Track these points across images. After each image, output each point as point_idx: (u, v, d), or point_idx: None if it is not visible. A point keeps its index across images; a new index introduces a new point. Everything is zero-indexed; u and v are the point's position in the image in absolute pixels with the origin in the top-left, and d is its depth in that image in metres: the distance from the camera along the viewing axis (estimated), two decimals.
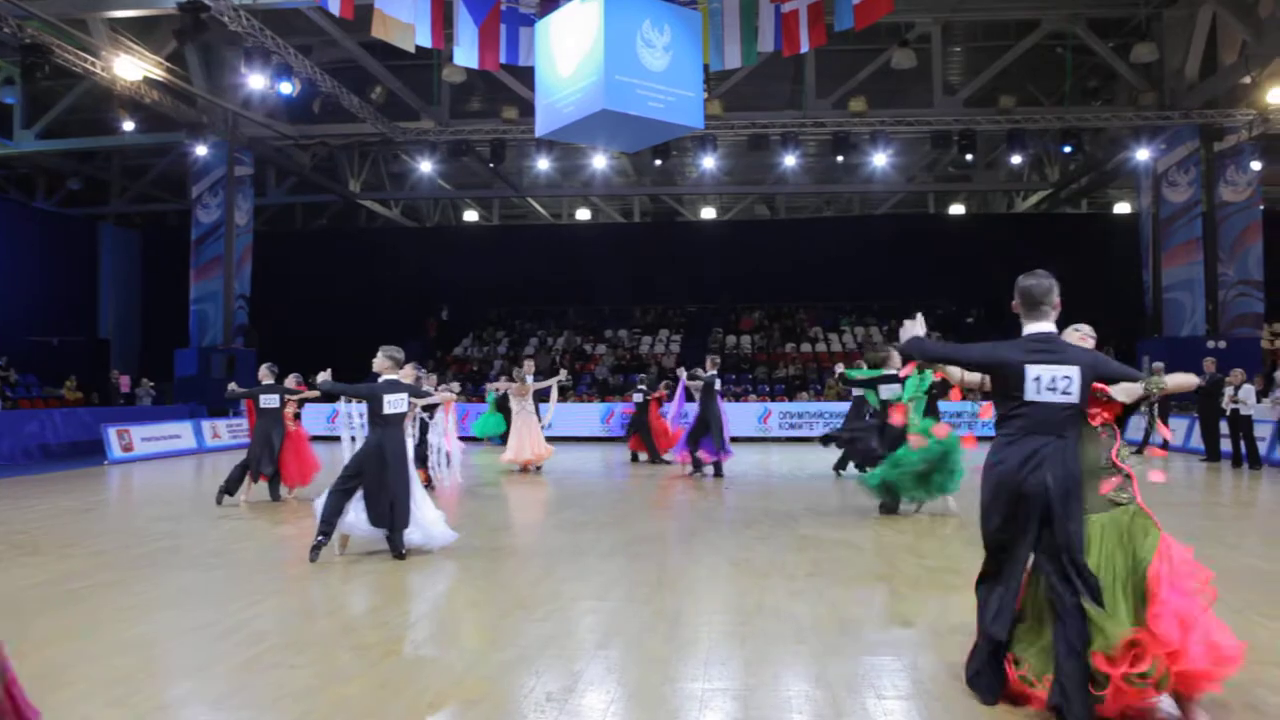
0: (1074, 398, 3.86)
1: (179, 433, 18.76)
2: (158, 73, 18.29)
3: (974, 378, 4.58)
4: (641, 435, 15.96)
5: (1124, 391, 3.98)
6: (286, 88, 17.15)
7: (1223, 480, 13.29)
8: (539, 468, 14.53)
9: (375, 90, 21.52)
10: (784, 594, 6.03)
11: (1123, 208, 30.04)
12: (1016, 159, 23.21)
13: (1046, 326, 4.00)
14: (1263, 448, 14.69)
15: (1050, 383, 3.86)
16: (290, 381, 11.40)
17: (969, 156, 22.37)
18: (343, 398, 7.79)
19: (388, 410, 7.30)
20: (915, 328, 4.25)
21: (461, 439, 11.57)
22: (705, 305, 29.28)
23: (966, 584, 5.84)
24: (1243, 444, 14.53)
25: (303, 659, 4.64)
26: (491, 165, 23.24)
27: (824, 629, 5.17)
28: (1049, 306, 4.00)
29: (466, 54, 10.80)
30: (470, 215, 34.23)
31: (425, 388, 9.11)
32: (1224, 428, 15.14)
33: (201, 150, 21.72)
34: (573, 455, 17.33)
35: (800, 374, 25.07)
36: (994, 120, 20.90)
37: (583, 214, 33.38)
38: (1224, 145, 21.51)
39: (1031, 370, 3.87)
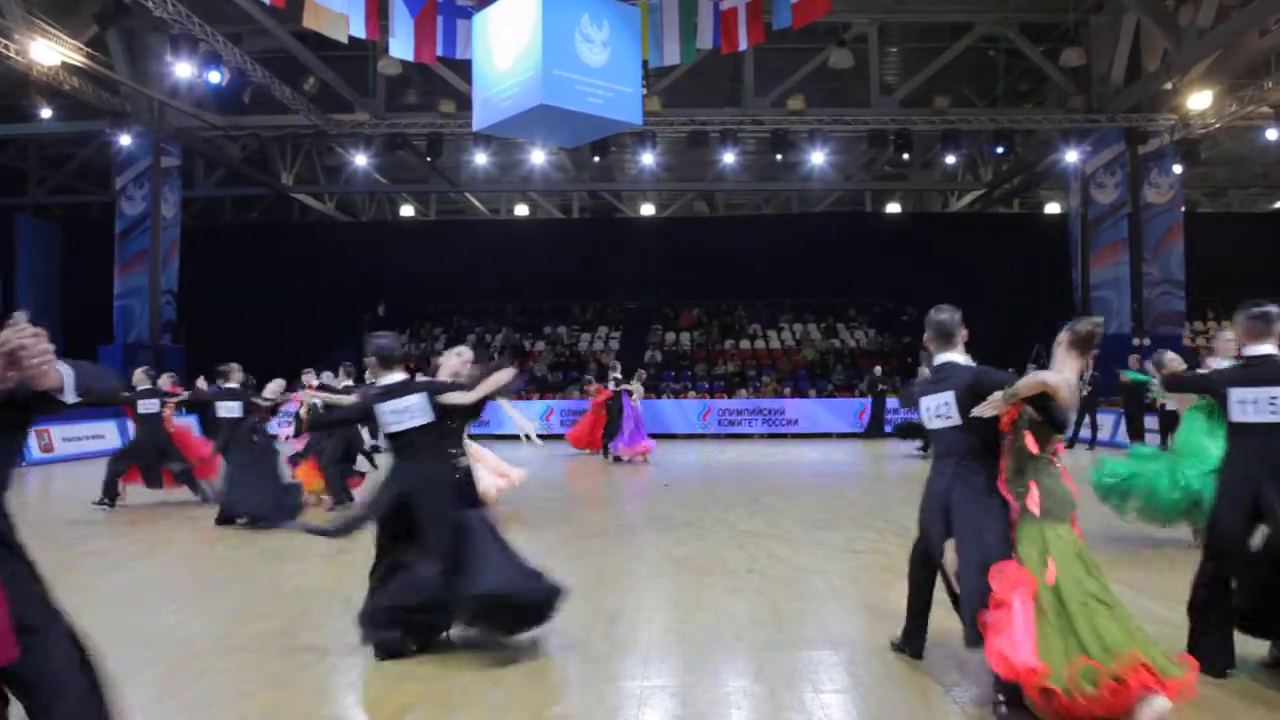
0: (955, 420, 4.10)
1: (102, 432, 18.19)
2: (77, 58, 17.68)
3: None
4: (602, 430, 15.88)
5: (989, 405, 3.98)
6: (215, 77, 16.72)
7: None
8: None
9: (308, 81, 21.11)
10: (724, 590, 6.08)
11: (1053, 208, 30.82)
12: (951, 159, 23.68)
13: (955, 356, 4.31)
14: None
15: (936, 409, 4.18)
16: (165, 383, 11.10)
17: (905, 156, 22.73)
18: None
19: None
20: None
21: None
22: (644, 302, 29.33)
23: (901, 578, 5.94)
24: (1170, 438, 15.01)
25: (232, 665, 4.55)
26: (429, 159, 22.96)
27: (763, 625, 5.23)
28: (959, 337, 4.34)
29: (402, 46, 10.65)
30: (407, 210, 33.79)
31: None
32: (1151, 423, 15.73)
33: (125, 140, 21.06)
34: (509, 452, 17.20)
35: (739, 371, 25.25)
36: (929, 121, 21.29)
37: (521, 210, 33.20)
38: (1148, 149, 22.20)
39: (923, 401, 4.25)
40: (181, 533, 8.70)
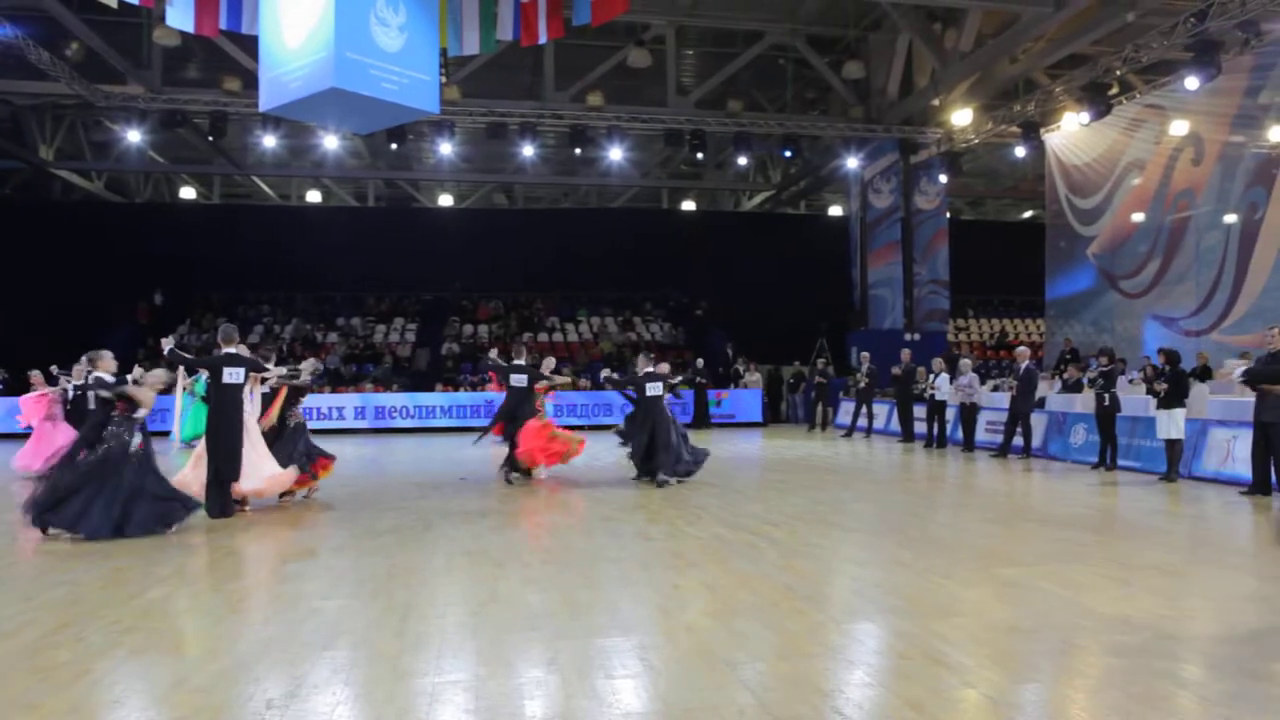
0: None
1: None
2: None
3: None
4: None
5: None
6: None
7: (916, 459, 14.80)
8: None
9: (72, 46, 19.30)
10: (518, 582, 6.06)
11: (836, 210, 32.62)
12: (743, 160, 24.62)
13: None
14: (947, 429, 16.50)
15: None
16: None
17: (700, 155, 23.46)
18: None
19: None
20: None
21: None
22: (441, 294, 28.76)
23: (691, 564, 6.13)
24: (936, 425, 16.28)
25: None
26: (211, 139, 21.53)
27: (556, 615, 5.25)
28: None
29: (181, 16, 9.88)
30: (188, 192, 31.55)
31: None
32: (920, 411, 17.01)
33: None
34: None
35: (537, 364, 25.17)
36: (723, 123, 22.03)
37: (313, 196, 31.77)
38: (918, 158, 23.94)
39: None
40: None
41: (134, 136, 21.06)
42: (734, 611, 5.27)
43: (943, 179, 24.09)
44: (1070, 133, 20.96)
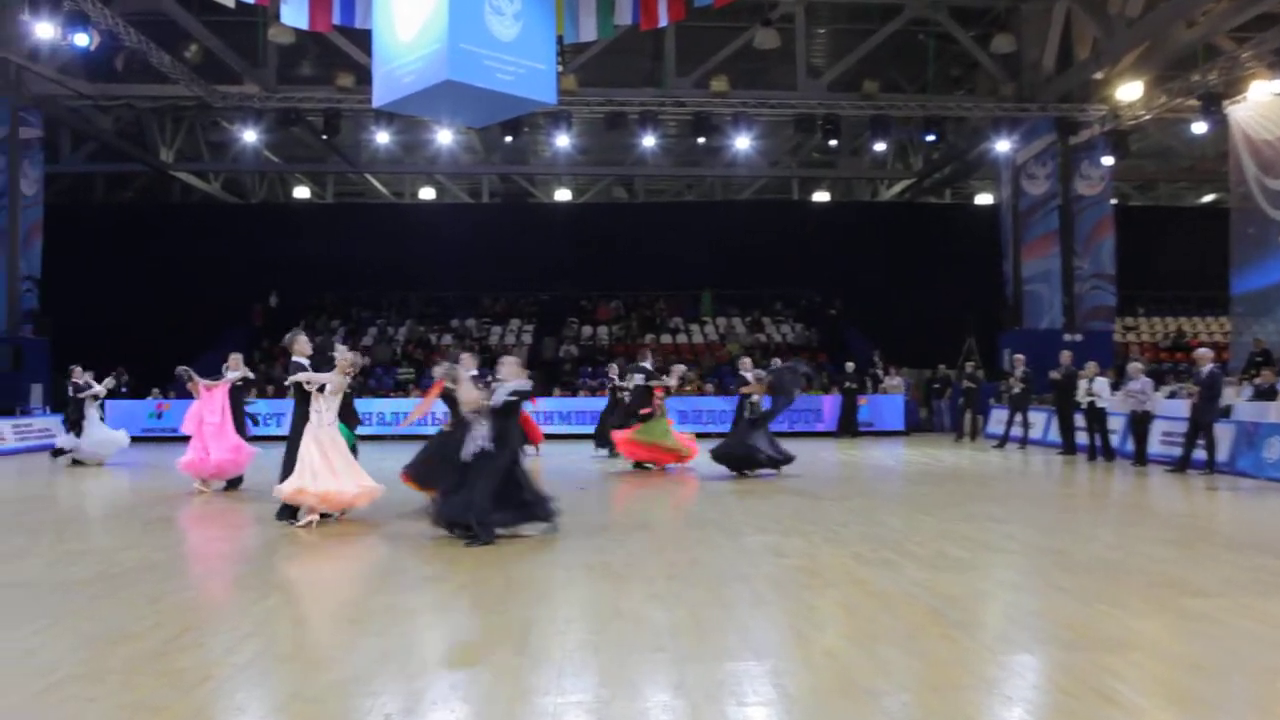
0: None
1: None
2: None
3: None
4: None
5: None
6: (82, 40, 16.09)
7: (1078, 473, 14.22)
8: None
9: (191, 48, 20.48)
10: (642, 598, 6.09)
11: (984, 198, 31.71)
12: (880, 146, 24.14)
13: None
14: (1115, 440, 15.78)
15: None
16: None
17: (833, 142, 23.13)
18: None
19: None
20: None
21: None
22: (559, 293, 29.23)
23: (827, 584, 6.04)
24: (1097, 437, 15.60)
25: (101, 690, 4.38)
26: (325, 137, 22.48)
27: (683, 634, 5.25)
28: None
29: (295, 13, 10.35)
30: (301, 192, 33.05)
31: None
32: (1080, 420, 16.30)
33: None
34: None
35: (662, 367, 25.32)
36: (858, 106, 21.67)
37: (427, 193, 32.78)
38: (1079, 139, 23.00)
39: None
40: (38, 542, 8.35)
41: (250, 136, 22.18)
42: (875, 636, 5.16)
43: (1107, 161, 23.09)
44: (1259, 104, 19.74)
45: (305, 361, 9.02)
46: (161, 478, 13.58)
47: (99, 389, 15.55)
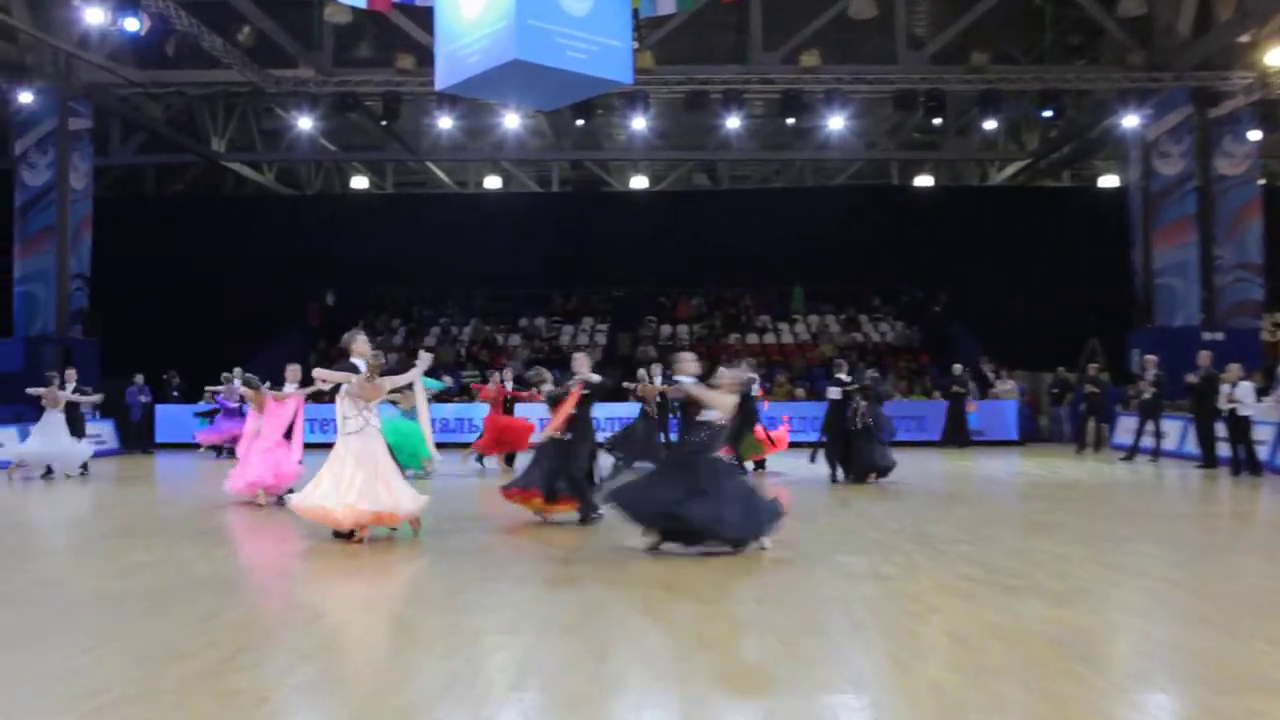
0: None
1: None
2: None
3: None
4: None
5: None
6: (132, 25, 16.67)
7: (1220, 489, 13.80)
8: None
9: (243, 31, 21.09)
10: (728, 623, 6.08)
11: (1109, 180, 30.97)
12: (990, 124, 23.74)
13: None
14: (1263, 452, 15.25)
15: None
16: None
17: (937, 121, 22.84)
18: None
19: None
20: None
21: None
22: (636, 289, 29.32)
23: (932, 609, 5.97)
24: (1241, 449, 15.08)
25: (156, 711, 4.53)
26: (384, 123, 22.92)
27: (773, 663, 5.23)
28: None
29: None
30: (359, 182, 33.76)
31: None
32: (1221, 430, 15.78)
33: (26, 98, 20.97)
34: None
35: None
36: (965, 80, 21.35)
37: (492, 182, 33.19)
38: (1220, 111, 22.32)
39: None
40: (89, 557, 8.66)
41: (305, 123, 22.71)
42: (987, 669, 5.08)
43: (1254, 136, 22.37)
44: None
45: (362, 364, 9.17)
46: (213, 488, 13.96)
47: (84, 399, 16.34)
